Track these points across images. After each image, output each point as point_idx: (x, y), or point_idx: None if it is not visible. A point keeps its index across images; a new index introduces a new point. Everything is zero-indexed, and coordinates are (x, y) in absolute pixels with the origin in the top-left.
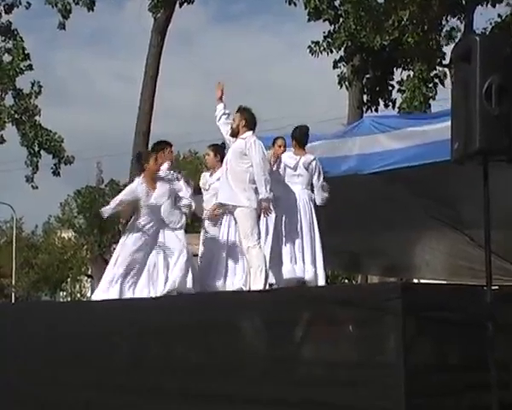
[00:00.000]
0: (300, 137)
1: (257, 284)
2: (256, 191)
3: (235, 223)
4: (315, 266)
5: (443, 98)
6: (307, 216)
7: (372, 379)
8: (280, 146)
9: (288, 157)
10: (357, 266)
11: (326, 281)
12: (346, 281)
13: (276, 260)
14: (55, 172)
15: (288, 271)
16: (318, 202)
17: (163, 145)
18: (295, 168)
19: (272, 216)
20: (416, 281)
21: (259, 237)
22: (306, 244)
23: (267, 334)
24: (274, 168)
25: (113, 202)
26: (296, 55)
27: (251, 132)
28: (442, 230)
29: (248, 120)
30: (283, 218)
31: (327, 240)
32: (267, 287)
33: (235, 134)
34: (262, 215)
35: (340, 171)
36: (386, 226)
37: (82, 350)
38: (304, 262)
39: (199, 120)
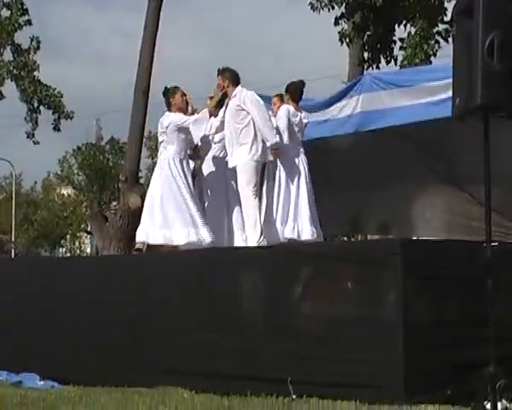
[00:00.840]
0: (295, 92)
1: (252, 238)
2: (262, 142)
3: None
4: (313, 226)
5: (444, 55)
6: (305, 176)
7: (371, 336)
8: (274, 104)
9: (292, 113)
10: (355, 226)
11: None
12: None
13: (270, 218)
14: (56, 128)
15: (282, 231)
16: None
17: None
18: (297, 125)
19: (275, 172)
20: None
21: (257, 189)
22: (304, 204)
23: (266, 291)
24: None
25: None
26: (296, 10)
27: (240, 87)
28: (442, 187)
29: (232, 77)
30: (285, 176)
31: (324, 201)
32: (262, 240)
33: (225, 97)
34: (273, 162)
35: (341, 131)
36: (385, 184)
37: None
38: (301, 222)
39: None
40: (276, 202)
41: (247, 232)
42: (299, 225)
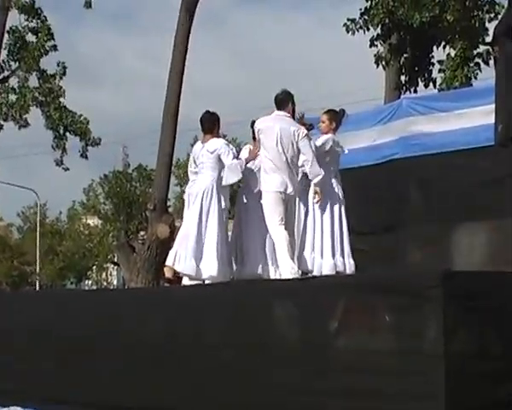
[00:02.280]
0: (337, 121)
1: (283, 270)
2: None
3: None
4: (350, 258)
5: (485, 78)
6: (342, 207)
7: (411, 370)
8: (323, 121)
9: (337, 143)
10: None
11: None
12: None
13: (308, 249)
14: (83, 155)
15: (320, 264)
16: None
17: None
18: (337, 155)
19: (310, 201)
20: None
21: (282, 220)
22: (341, 236)
23: (302, 323)
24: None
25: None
26: (329, 32)
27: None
28: (483, 217)
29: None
30: (322, 206)
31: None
32: (294, 272)
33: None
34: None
35: (373, 159)
36: (425, 215)
37: None
38: (338, 254)
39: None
40: (312, 233)
41: (279, 264)
42: (335, 257)
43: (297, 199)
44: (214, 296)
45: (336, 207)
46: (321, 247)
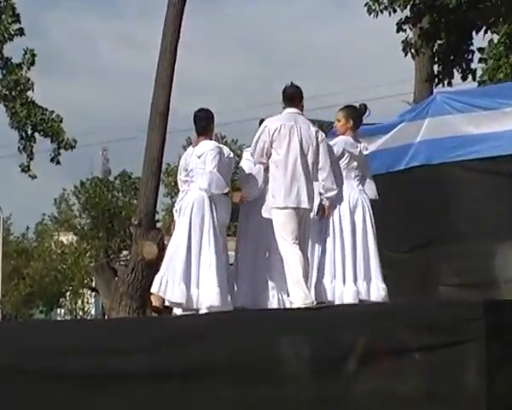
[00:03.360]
0: (356, 119)
1: (294, 297)
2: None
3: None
4: (378, 282)
5: None
6: (366, 220)
7: None
8: (339, 120)
9: (350, 144)
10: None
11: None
12: None
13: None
14: (54, 159)
15: (341, 292)
16: (373, 197)
17: None
18: (355, 159)
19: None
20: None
21: (296, 238)
22: (367, 257)
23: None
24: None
25: None
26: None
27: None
28: None
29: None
30: (337, 223)
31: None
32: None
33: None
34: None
35: (403, 163)
36: (458, 233)
37: None
38: (361, 278)
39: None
40: (332, 254)
41: (289, 292)
42: (357, 282)
43: (313, 213)
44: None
45: (359, 220)
46: (342, 271)
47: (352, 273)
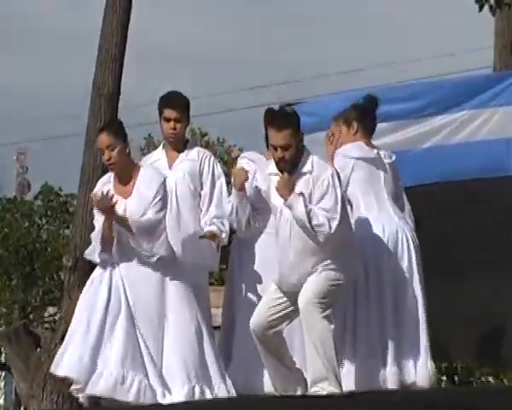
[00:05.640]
0: (364, 118)
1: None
2: None
3: None
4: (427, 360)
5: None
6: (410, 267)
7: None
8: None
9: (357, 149)
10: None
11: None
12: (491, 380)
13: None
14: None
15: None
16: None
17: None
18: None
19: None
20: None
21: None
22: (412, 323)
23: None
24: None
25: None
26: None
27: None
28: None
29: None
30: (374, 275)
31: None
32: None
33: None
34: None
35: (445, 171)
36: None
37: None
38: (402, 355)
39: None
40: (366, 325)
41: (309, 372)
42: (398, 361)
43: None
44: None
45: (402, 268)
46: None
47: (392, 349)
